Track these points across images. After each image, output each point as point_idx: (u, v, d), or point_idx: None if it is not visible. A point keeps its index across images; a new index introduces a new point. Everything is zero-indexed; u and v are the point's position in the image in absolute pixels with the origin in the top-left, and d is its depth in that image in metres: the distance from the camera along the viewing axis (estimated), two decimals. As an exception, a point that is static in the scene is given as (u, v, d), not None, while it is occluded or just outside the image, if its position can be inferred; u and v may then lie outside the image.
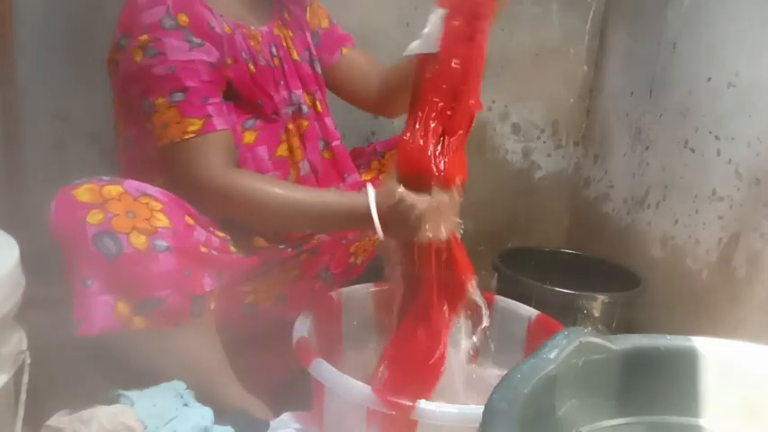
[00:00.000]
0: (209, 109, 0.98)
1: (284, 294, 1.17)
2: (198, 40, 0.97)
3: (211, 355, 1.01)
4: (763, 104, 1.24)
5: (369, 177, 1.27)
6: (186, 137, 0.96)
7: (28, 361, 0.82)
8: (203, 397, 0.97)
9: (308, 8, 1.23)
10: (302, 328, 1.03)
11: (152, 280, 0.87)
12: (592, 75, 1.84)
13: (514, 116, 1.82)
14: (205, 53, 0.98)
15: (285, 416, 1.01)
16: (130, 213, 0.87)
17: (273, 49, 1.12)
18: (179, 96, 0.96)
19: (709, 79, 1.38)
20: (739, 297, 1.27)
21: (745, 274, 1.26)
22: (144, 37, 0.96)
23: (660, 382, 0.68)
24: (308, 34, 1.21)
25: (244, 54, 1.05)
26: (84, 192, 0.88)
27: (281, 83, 1.12)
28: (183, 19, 0.97)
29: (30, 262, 0.85)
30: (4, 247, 0.83)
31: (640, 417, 0.67)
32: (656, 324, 1.47)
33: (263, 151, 1.07)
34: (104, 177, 0.92)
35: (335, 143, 1.20)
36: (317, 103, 1.18)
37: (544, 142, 1.87)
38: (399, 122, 1.14)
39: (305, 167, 1.14)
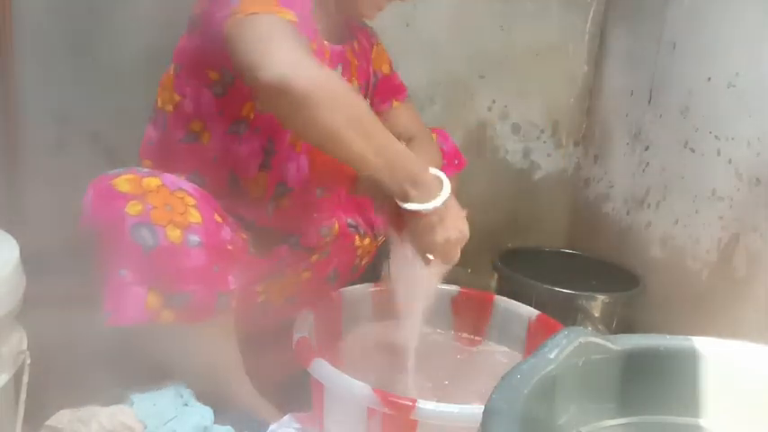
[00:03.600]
0: (300, 22, 0.90)
1: (294, 295, 1.17)
2: None
3: (229, 354, 1.02)
4: (763, 104, 1.23)
5: None
6: (275, 12, 0.87)
7: (28, 361, 0.82)
8: (215, 395, 0.97)
9: (374, 47, 1.23)
10: (302, 327, 1.03)
11: (183, 274, 0.88)
12: (592, 75, 1.84)
13: (514, 116, 1.81)
14: (305, 6, 0.97)
15: (285, 417, 1.01)
16: (168, 206, 0.87)
17: (339, 68, 1.12)
18: None
19: (709, 79, 1.38)
20: (739, 297, 1.27)
21: (745, 274, 1.26)
22: None
23: (660, 382, 0.68)
24: (370, 69, 1.22)
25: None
26: (123, 182, 0.88)
27: None
28: None
29: (30, 262, 0.85)
30: (4, 247, 0.84)
31: (640, 417, 0.67)
32: (656, 324, 1.47)
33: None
34: (142, 168, 0.92)
35: None
36: None
37: (544, 142, 1.86)
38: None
39: None
